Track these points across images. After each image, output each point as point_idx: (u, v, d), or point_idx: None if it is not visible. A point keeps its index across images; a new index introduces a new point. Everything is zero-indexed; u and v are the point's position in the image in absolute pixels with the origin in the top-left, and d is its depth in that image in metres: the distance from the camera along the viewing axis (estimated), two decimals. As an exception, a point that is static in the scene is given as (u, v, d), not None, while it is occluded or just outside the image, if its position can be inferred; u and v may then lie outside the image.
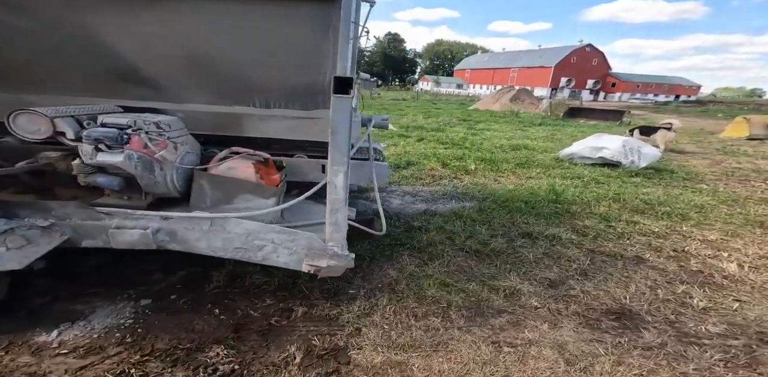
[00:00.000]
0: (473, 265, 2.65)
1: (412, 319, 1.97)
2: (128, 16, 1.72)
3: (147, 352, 1.56)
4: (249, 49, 1.97)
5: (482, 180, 5.07)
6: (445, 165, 5.74)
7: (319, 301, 2.09)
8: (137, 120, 1.67)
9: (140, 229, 1.62)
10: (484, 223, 3.41)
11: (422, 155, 6.31)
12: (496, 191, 4.48)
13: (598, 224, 3.54)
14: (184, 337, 1.68)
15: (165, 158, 1.66)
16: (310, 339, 1.77)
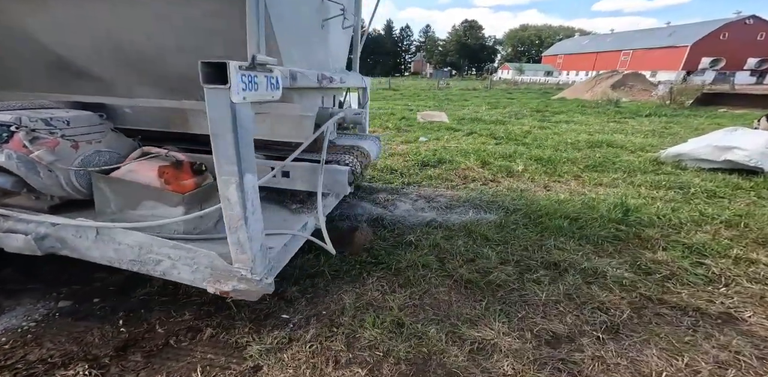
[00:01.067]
0: (454, 300, 2.06)
1: (329, 366, 1.55)
2: (43, 5, 1.66)
3: (9, 363, 1.48)
4: (175, 38, 1.77)
5: (526, 185, 4.18)
6: (486, 165, 4.95)
7: (239, 323, 1.81)
8: (23, 117, 1.59)
9: (24, 234, 1.55)
10: (499, 244, 2.71)
11: (461, 152, 5.58)
12: (537, 200, 3.61)
13: (681, 259, 2.52)
14: (63, 349, 1.58)
15: (42, 158, 1.56)
16: (195, 370, 1.50)
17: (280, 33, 1.75)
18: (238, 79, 1.22)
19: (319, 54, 2.37)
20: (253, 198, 1.47)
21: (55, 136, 1.69)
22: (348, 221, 3.10)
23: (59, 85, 2.23)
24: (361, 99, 3.39)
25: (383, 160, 5.09)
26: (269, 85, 1.45)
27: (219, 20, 1.65)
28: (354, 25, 3.00)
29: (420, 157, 5.16)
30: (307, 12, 2.06)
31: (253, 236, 1.51)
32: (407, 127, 8.24)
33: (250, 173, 1.42)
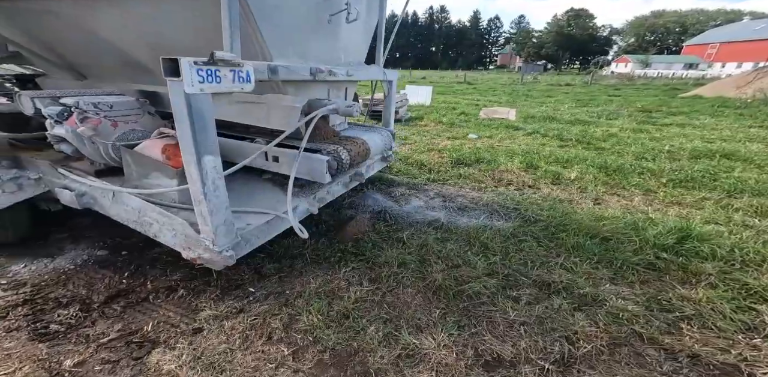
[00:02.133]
0: (414, 303, 2.02)
1: (260, 340, 1.69)
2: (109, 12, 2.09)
3: (35, 297, 1.96)
4: (195, 37, 2.05)
5: (570, 196, 3.72)
6: (531, 168, 4.52)
7: (211, 289, 2.07)
8: (80, 101, 2.03)
9: (71, 190, 2.02)
10: (496, 254, 2.52)
11: (508, 152, 5.17)
12: (571, 213, 3.20)
13: (725, 300, 2.03)
14: (75, 291, 2.02)
15: (84, 132, 1.97)
16: (149, 324, 1.78)
17: (267, 32, 1.89)
18: (192, 73, 1.38)
19: (324, 48, 2.45)
20: (213, 177, 1.65)
21: (100, 116, 2.13)
22: (352, 211, 3.20)
23: (126, 76, 2.77)
24: (387, 92, 3.38)
25: (417, 155, 5.03)
26: (237, 78, 1.59)
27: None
28: (379, 18, 3.01)
29: (458, 154, 4.95)
30: (306, 9, 2.14)
31: (213, 210, 1.70)
32: (463, 123, 7.91)
33: (209, 154, 1.60)
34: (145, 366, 1.50)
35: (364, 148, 2.59)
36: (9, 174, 2.19)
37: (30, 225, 2.52)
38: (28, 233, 2.57)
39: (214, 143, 1.61)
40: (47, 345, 1.59)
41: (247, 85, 1.66)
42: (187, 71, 1.36)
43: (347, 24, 2.51)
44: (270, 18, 1.89)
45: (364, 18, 2.80)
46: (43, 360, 1.50)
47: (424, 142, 5.90)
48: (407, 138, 6.19)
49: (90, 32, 2.30)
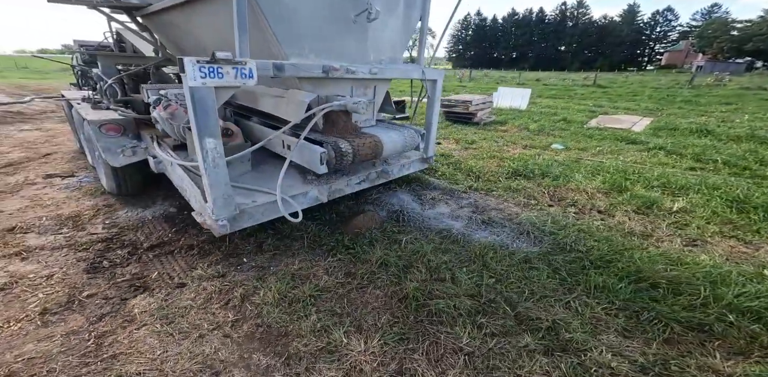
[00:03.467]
0: (372, 307, 2.01)
1: (217, 303, 1.95)
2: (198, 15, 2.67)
3: (113, 238, 2.65)
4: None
5: (652, 230, 3.02)
6: (616, 191, 3.79)
7: (218, 252, 2.45)
8: (168, 92, 2.64)
9: (153, 158, 2.68)
10: (493, 277, 2.28)
11: (593, 169, 4.42)
12: (629, 250, 2.61)
13: None
14: (136, 238, 2.67)
15: (162, 116, 2.56)
16: (155, 272, 2.21)
17: (280, 32, 2.12)
18: (194, 70, 1.69)
19: (350, 46, 2.57)
20: (213, 156, 1.95)
21: (177, 104, 2.75)
22: (371, 206, 3.27)
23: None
24: (429, 92, 3.33)
25: (472, 160, 4.74)
26: (240, 74, 1.87)
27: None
28: (422, 14, 2.98)
29: (521, 165, 4.48)
30: (326, 10, 2.29)
31: (212, 184, 2.02)
32: (555, 131, 7.03)
33: (209, 137, 1.90)
34: (123, 306, 1.90)
35: (373, 145, 2.64)
36: (131, 143, 3.01)
37: (140, 183, 3.38)
38: (138, 188, 3.47)
39: (215, 127, 1.90)
40: (89, 276, 2.16)
41: (249, 81, 1.92)
42: (190, 68, 1.68)
43: (378, 22, 2.58)
44: (282, 19, 2.11)
45: (402, 15, 2.81)
46: (74, 288, 2.04)
47: (491, 148, 5.51)
48: (474, 143, 5.87)
49: (196, 37, 2.94)
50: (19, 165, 4.40)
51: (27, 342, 1.62)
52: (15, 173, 4.09)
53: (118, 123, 3.04)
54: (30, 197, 3.37)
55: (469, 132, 6.74)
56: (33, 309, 1.81)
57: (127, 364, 1.50)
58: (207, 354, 1.58)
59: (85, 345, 1.61)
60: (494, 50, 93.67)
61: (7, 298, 1.89)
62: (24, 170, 4.23)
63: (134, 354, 1.56)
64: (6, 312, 1.79)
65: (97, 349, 1.59)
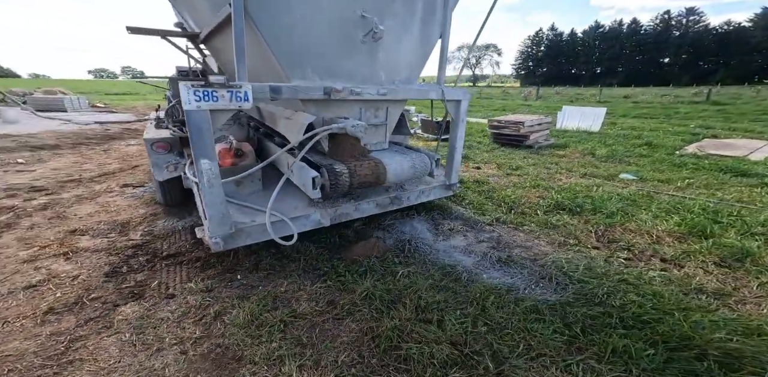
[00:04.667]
0: (342, 341, 1.91)
1: (192, 318, 2.03)
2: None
3: (142, 244, 2.99)
4: None
5: (732, 288, 2.44)
6: (695, 236, 3.16)
7: (218, 267, 2.60)
8: None
9: (183, 174, 3.04)
10: (487, 324, 2.02)
11: (670, 206, 3.76)
12: (682, 311, 2.11)
13: None
14: (161, 247, 2.97)
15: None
16: (159, 281, 2.42)
17: (280, 54, 2.26)
18: (189, 94, 1.90)
19: (359, 67, 2.62)
20: (209, 176, 2.12)
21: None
22: (380, 232, 3.20)
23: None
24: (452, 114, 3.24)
25: (509, 189, 4.38)
26: (235, 98, 2.04)
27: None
28: (442, 33, 2.95)
29: (567, 197, 4.00)
30: (330, 31, 2.37)
31: (208, 203, 2.19)
32: (630, 157, 6.20)
33: (204, 158, 2.07)
34: (111, 312, 2.08)
35: (375, 169, 2.61)
36: (175, 160, 3.48)
37: (180, 195, 3.85)
38: (179, 200, 3.95)
39: (209, 148, 2.07)
40: (104, 280, 2.43)
41: (245, 104, 2.08)
42: (184, 92, 1.88)
43: (391, 41, 2.62)
44: (283, 43, 2.24)
45: (418, 33, 2.81)
46: (86, 290, 2.30)
47: (537, 176, 5.04)
48: (519, 169, 5.44)
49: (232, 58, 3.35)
50: (111, 175, 5.35)
51: (16, 339, 1.83)
52: (104, 181, 4.97)
53: (166, 141, 3.53)
54: (102, 204, 4.03)
55: (517, 157, 6.30)
56: (42, 308, 2.09)
57: (77, 371, 1.62)
58: (154, 368, 1.65)
59: (57, 347, 1.77)
60: (572, 66, 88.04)
61: (32, 295, 2.24)
62: (112, 179, 5.12)
63: (89, 361, 1.68)
64: (21, 308, 2.09)
65: (63, 353, 1.74)
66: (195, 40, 3.98)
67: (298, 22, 2.24)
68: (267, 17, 2.14)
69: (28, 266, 2.56)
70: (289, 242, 2.45)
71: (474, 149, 6.90)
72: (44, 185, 4.64)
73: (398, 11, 2.63)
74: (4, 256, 2.70)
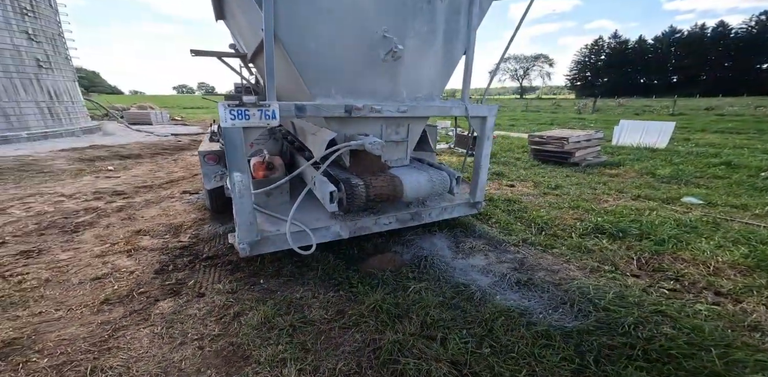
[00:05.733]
0: (343, 351, 2.01)
1: (214, 316, 2.25)
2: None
3: (187, 246, 3.39)
4: None
5: None
6: (763, 270, 2.82)
7: (246, 269, 2.85)
8: None
9: (225, 184, 3.43)
10: (491, 347, 1.98)
11: (738, 235, 3.37)
12: (731, 345, 1.89)
13: None
14: (199, 249, 3.35)
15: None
16: (194, 279, 2.73)
17: (306, 75, 2.49)
18: (226, 113, 2.19)
19: (380, 85, 2.77)
20: (240, 187, 2.41)
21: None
22: (399, 247, 3.27)
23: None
24: (478, 131, 3.27)
25: (540, 208, 4.18)
26: (264, 116, 2.31)
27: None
28: (467, 48, 3.01)
29: (611, 219, 3.73)
30: (355, 53, 2.56)
31: (238, 212, 2.47)
32: (705, 179, 5.58)
33: (237, 171, 2.36)
34: (152, 306, 2.37)
35: (392, 185, 2.72)
36: (221, 171, 3.91)
37: (225, 203, 4.27)
38: (224, 207, 4.39)
39: (241, 162, 2.35)
40: (153, 276, 2.79)
41: (273, 121, 2.34)
42: (222, 111, 2.18)
43: (413, 58, 2.76)
44: (308, 65, 2.46)
45: (442, 49, 2.89)
46: (138, 284, 2.64)
47: (579, 196, 4.74)
48: (558, 188, 5.16)
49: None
50: (176, 182, 6.10)
51: (73, 325, 2.17)
52: (169, 188, 5.69)
53: (216, 154, 3.98)
54: (164, 208, 4.63)
55: (558, 175, 5.97)
56: (100, 298, 2.46)
57: (111, 358, 1.88)
58: (173, 360, 1.87)
59: (102, 335, 2.08)
60: (641, 75, 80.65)
61: (96, 285, 2.65)
62: (176, 186, 5.84)
63: (124, 349, 1.95)
64: (85, 297, 2.48)
65: (106, 340, 2.02)
66: (245, 60, 4.50)
67: (323, 45, 2.45)
68: (295, 42, 2.39)
69: (98, 261, 3.04)
70: (308, 251, 2.63)
71: (510, 166, 6.70)
72: (124, 190, 5.44)
73: (420, 30, 2.75)
74: (82, 250, 3.24)
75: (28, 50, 12.06)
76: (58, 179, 6.40)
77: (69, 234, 3.60)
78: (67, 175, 6.83)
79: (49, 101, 12.83)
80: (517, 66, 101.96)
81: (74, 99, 14.10)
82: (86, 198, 4.95)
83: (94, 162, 8.15)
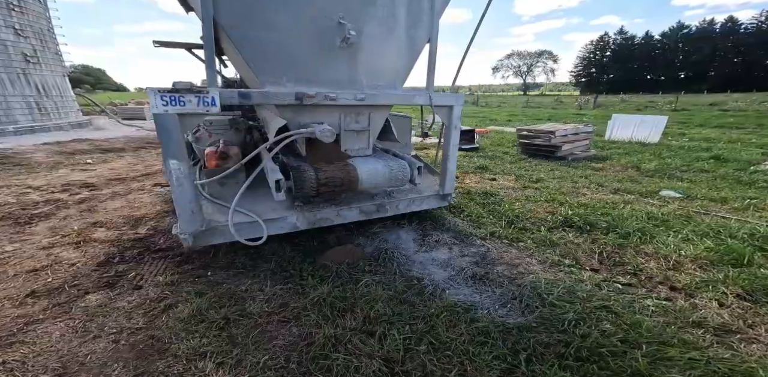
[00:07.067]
0: (276, 345, 1.94)
1: (140, 310, 2.18)
2: None
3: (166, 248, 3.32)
4: None
5: (738, 326, 2.07)
6: (725, 264, 2.78)
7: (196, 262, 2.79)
8: (204, 120, 3.26)
9: None
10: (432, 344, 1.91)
11: (705, 230, 3.29)
12: (669, 343, 1.82)
13: None
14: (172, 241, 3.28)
15: (189, 139, 3.18)
16: (137, 272, 2.66)
17: (252, 61, 2.41)
18: (156, 99, 2.10)
19: (337, 72, 2.68)
20: (178, 175, 2.31)
21: (204, 129, 3.40)
22: (363, 239, 3.19)
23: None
24: (445, 121, 3.18)
25: (515, 201, 4.10)
26: (202, 102, 2.22)
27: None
28: (430, 36, 2.92)
29: (582, 212, 3.64)
30: (308, 40, 2.47)
31: (177, 201, 2.38)
32: (690, 173, 5.50)
33: (173, 158, 2.26)
34: (79, 299, 2.28)
35: (345, 173, 2.64)
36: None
37: None
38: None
39: (178, 149, 2.25)
40: (94, 268, 2.71)
41: (212, 108, 2.25)
42: (152, 97, 2.09)
43: (373, 45, 2.66)
44: (256, 51, 2.38)
45: (405, 36, 2.80)
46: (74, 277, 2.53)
47: (558, 190, 4.66)
48: (539, 181, 5.07)
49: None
50: (151, 175, 6.01)
51: None
52: (143, 180, 5.61)
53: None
54: (130, 200, 4.55)
55: (543, 169, 5.88)
56: (27, 290, 2.38)
57: (12, 352, 1.79)
58: (78, 355, 1.79)
59: (12, 329, 1.96)
60: (648, 71, 79.94)
61: (30, 278, 2.55)
62: (151, 178, 5.75)
63: (28, 344, 1.86)
64: (14, 289, 2.38)
65: (14, 334, 1.92)
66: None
67: (272, 32, 2.37)
68: (239, 28, 2.30)
69: (42, 253, 2.96)
70: (257, 243, 2.56)
71: (497, 160, 6.61)
72: (94, 182, 5.36)
73: (379, 16, 2.67)
74: (30, 242, 3.17)
75: (14, 45, 11.96)
76: (32, 172, 6.32)
77: (21, 226, 3.53)
78: (43, 168, 6.76)
79: (37, 96, 12.75)
80: (521, 62, 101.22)
81: (64, 94, 14.01)
82: (53, 190, 4.87)
83: (74, 155, 8.07)
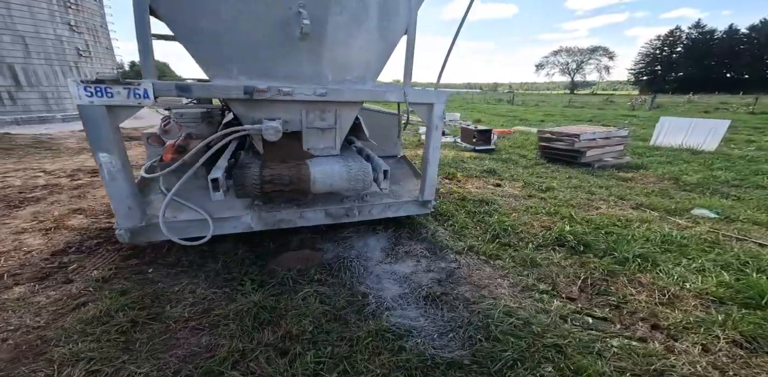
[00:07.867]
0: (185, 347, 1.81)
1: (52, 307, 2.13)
2: None
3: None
4: None
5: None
6: (737, 303, 2.33)
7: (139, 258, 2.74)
8: (175, 112, 3.23)
9: None
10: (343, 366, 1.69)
11: (730, 259, 2.78)
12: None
13: None
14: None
15: (159, 131, 3.16)
16: (88, 263, 2.66)
17: (197, 53, 2.29)
18: (79, 90, 2.01)
19: (298, 66, 2.51)
20: (109, 169, 2.25)
21: (174, 121, 3.37)
22: (329, 245, 3.00)
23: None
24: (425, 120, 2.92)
25: (510, 212, 3.70)
26: (133, 94, 2.13)
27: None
28: (408, 29, 2.67)
29: (583, 230, 3.20)
30: (263, 29, 2.32)
31: (111, 195, 2.33)
32: (739, 188, 4.77)
33: (102, 151, 2.19)
34: (7, 291, 2.26)
35: (295, 174, 2.47)
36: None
37: None
38: None
39: (108, 142, 2.18)
40: (45, 258, 2.75)
41: (146, 101, 2.17)
42: (73, 88, 2.02)
43: (340, 37, 2.47)
44: (201, 44, 2.26)
45: (377, 28, 2.59)
46: (23, 265, 2.63)
47: (566, 202, 4.17)
48: (549, 190, 4.58)
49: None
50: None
51: None
52: (149, 171, 5.81)
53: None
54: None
55: (559, 176, 5.34)
56: None
57: None
58: None
59: None
60: (728, 69, 72.29)
61: None
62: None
63: None
64: None
65: None
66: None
67: (218, 21, 2.24)
68: (179, 18, 2.19)
69: (12, 238, 3.06)
70: (195, 243, 2.46)
71: (510, 164, 6.12)
72: (102, 170, 5.62)
73: (347, 5, 2.46)
74: (8, 226, 3.30)
75: (69, 40, 13.08)
76: (56, 157, 6.78)
77: (10, 209, 3.71)
78: (68, 153, 7.24)
79: (86, 86, 14.00)
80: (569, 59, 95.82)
81: (112, 86, 15.31)
82: (60, 175, 5.15)
83: (99, 142, 8.59)
